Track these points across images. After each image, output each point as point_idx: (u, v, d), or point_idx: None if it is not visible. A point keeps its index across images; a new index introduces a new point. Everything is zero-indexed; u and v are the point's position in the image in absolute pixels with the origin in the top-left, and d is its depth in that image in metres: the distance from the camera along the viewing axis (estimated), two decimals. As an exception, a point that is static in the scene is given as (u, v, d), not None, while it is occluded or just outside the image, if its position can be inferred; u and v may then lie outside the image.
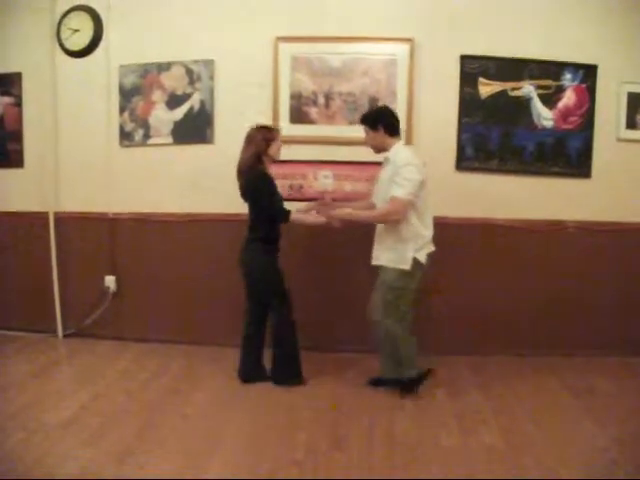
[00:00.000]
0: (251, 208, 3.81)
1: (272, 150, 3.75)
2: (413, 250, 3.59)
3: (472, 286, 4.45)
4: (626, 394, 3.80)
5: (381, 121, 3.67)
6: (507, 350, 4.44)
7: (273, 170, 3.90)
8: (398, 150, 3.65)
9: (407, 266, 3.58)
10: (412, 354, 3.75)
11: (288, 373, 3.89)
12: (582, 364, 4.30)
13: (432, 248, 3.70)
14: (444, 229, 4.30)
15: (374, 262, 3.76)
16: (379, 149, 3.74)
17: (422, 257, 3.61)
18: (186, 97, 4.50)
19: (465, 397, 3.74)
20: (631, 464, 2.88)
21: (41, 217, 4.69)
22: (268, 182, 3.74)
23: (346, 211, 3.76)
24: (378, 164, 4.30)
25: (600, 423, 3.35)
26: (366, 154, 4.31)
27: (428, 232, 3.67)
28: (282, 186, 4.23)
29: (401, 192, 3.48)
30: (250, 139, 3.76)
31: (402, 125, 4.26)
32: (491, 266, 4.43)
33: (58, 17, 4.52)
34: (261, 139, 3.72)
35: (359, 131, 4.30)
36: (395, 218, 3.54)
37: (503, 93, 4.34)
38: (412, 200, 3.52)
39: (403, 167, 3.51)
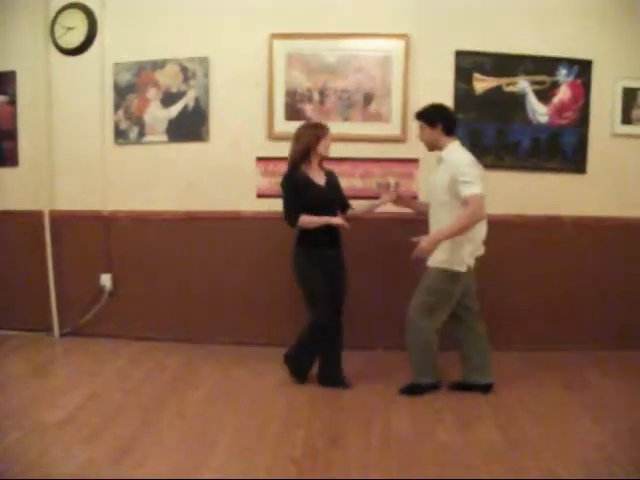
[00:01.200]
0: None
1: (321, 147, 3.68)
2: (469, 253, 3.57)
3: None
4: (623, 389, 3.81)
5: (440, 119, 3.60)
6: (503, 346, 4.42)
7: (270, 168, 3.92)
8: (453, 150, 3.58)
9: (463, 268, 3.55)
10: (435, 360, 3.76)
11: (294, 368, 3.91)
12: (579, 359, 4.31)
13: (482, 251, 3.67)
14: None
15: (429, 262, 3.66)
16: (433, 147, 3.68)
17: (472, 261, 3.61)
18: (181, 95, 4.49)
19: (462, 393, 3.73)
20: (628, 459, 2.88)
21: (36, 216, 4.68)
22: (287, 184, 3.69)
23: (432, 237, 3.45)
24: (373, 161, 4.33)
25: (597, 418, 3.36)
26: (361, 151, 4.34)
27: (484, 234, 3.63)
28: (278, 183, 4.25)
29: (475, 189, 3.37)
30: (299, 136, 3.70)
31: (398, 121, 4.30)
32: (486, 262, 4.43)
33: (52, 15, 4.51)
34: (312, 134, 3.67)
35: (354, 128, 4.33)
36: (481, 216, 3.44)
37: (498, 89, 4.34)
38: (484, 195, 3.43)
39: (466, 166, 3.44)
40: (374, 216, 4.07)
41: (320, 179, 3.76)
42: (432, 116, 3.62)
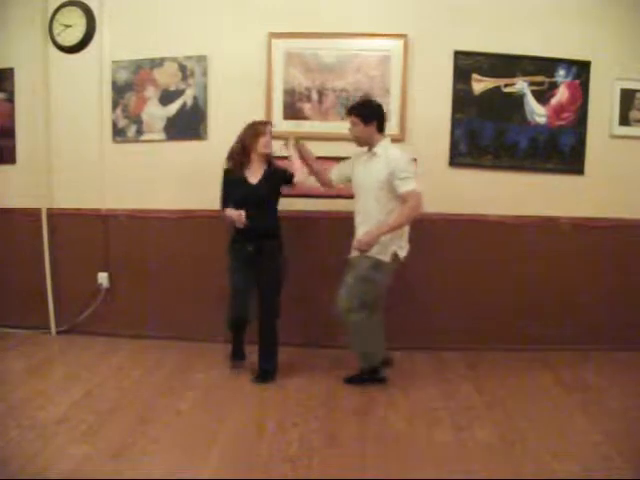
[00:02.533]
0: None
1: (260, 145, 3.74)
2: (397, 245, 3.63)
3: (465, 282, 4.46)
4: (618, 389, 3.82)
5: (376, 117, 3.66)
6: (500, 345, 4.46)
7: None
8: (387, 147, 3.66)
9: (387, 258, 3.62)
10: (379, 349, 3.82)
11: None
12: (575, 359, 4.32)
13: (408, 247, 3.73)
14: (437, 225, 4.34)
15: (354, 254, 3.70)
16: (365, 143, 3.72)
17: (402, 253, 3.68)
18: (179, 93, 4.49)
19: (458, 392, 3.75)
20: (624, 458, 2.90)
21: (34, 213, 4.67)
22: (222, 177, 3.86)
23: (373, 233, 3.50)
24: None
25: (593, 418, 3.37)
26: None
27: (407, 230, 3.71)
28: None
29: (414, 185, 3.51)
30: (240, 134, 3.82)
31: (396, 120, 4.30)
32: (484, 262, 4.45)
33: (50, 12, 4.50)
34: (251, 132, 3.76)
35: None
36: (420, 212, 3.55)
37: (496, 89, 4.34)
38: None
39: (406, 163, 3.57)
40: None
41: (255, 177, 3.79)
42: (368, 113, 3.67)
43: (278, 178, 3.84)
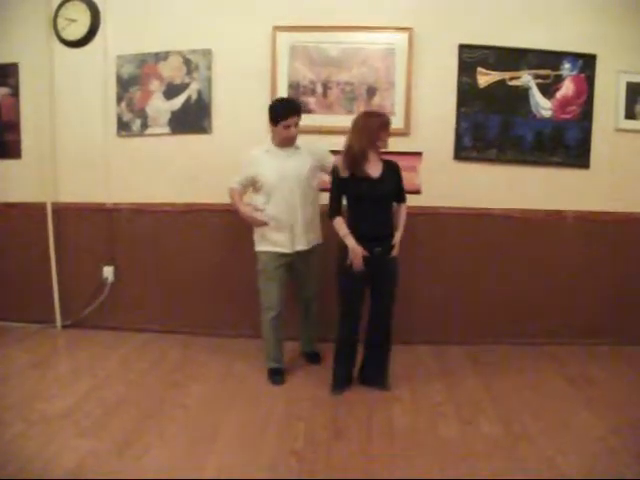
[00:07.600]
0: None
1: (382, 140, 3.44)
2: None
3: (470, 276, 4.45)
4: (623, 383, 3.82)
5: None
6: (505, 339, 4.46)
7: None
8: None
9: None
10: None
11: None
12: (579, 353, 4.31)
13: None
14: (443, 218, 4.33)
15: (309, 246, 3.85)
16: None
17: None
18: (184, 87, 4.48)
19: (463, 387, 3.75)
20: (628, 453, 2.90)
21: (39, 208, 4.68)
22: (334, 175, 3.51)
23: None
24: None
25: (598, 412, 3.37)
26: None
27: None
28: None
29: None
30: (361, 127, 3.43)
31: (401, 114, 4.29)
32: (489, 256, 4.44)
33: (54, 7, 4.50)
34: (377, 126, 3.40)
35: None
36: None
37: (502, 83, 4.32)
38: None
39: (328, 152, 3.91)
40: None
41: (376, 171, 3.47)
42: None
43: (398, 175, 3.56)
